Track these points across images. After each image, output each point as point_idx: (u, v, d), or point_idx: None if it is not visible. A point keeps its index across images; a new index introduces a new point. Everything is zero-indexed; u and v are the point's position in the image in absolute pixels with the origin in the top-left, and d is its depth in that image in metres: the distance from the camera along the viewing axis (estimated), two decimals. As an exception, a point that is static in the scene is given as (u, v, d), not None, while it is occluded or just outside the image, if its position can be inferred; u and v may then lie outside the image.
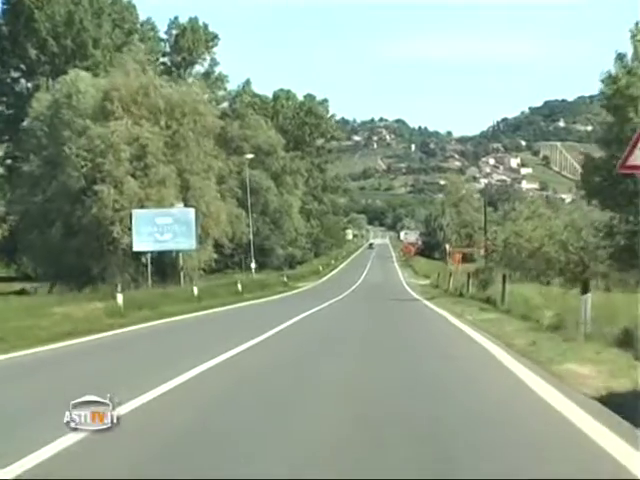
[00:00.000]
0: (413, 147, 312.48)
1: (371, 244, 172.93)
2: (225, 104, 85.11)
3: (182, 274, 40.85)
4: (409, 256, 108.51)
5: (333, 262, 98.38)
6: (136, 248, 39.52)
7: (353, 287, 52.54)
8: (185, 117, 45.54)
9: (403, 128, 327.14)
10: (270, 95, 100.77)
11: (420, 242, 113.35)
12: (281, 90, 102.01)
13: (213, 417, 7.34)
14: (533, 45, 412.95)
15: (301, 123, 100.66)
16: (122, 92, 44.47)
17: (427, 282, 56.49)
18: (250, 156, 67.56)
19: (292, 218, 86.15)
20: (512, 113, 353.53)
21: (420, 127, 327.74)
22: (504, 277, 23.09)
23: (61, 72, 52.86)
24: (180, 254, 40.93)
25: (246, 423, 6.83)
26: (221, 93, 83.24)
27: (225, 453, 5.75)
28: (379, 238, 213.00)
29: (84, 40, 64.11)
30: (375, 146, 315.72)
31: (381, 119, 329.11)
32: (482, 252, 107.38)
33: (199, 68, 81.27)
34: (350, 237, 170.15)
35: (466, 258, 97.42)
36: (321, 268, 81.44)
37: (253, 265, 59.84)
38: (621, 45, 45.46)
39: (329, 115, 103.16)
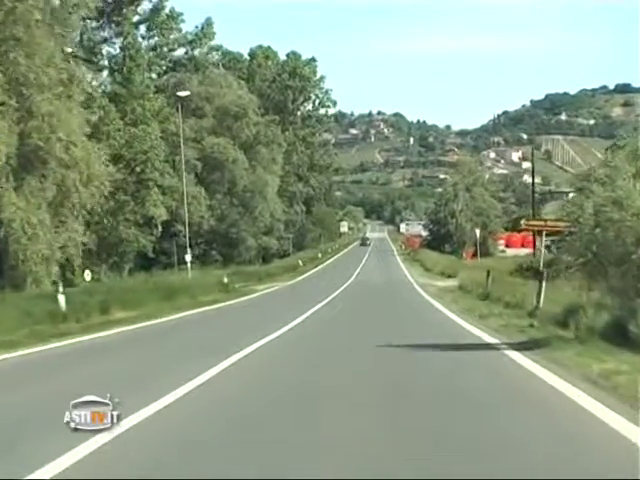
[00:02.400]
0: (412, 140, 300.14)
1: (365, 239, 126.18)
2: (181, 51, 63.32)
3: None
4: (413, 249, 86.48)
5: (320, 256, 76.32)
6: None
7: (335, 293, 30.64)
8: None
9: (401, 122, 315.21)
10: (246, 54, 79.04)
11: (425, 233, 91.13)
12: (259, 47, 79.97)
13: None
14: (534, 37, 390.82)
15: (283, 87, 78.69)
16: None
17: (452, 284, 34.80)
18: (185, 93, 45.82)
19: (267, 200, 64.43)
20: (513, 106, 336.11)
21: (419, 120, 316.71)
22: None
23: None
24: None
25: None
26: (174, 37, 61.22)
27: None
28: (376, 232, 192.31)
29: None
30: (373, 139, 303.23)
31: (379, 112, 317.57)
32: (501, 243, 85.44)
33: (146, 5, 58.22)
34: (345, 229, 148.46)
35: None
36: (301, 263, 59.65)
37: (188, 258, 38.19)
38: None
39: (317, 77, 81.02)
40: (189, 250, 39.13)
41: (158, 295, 23.17)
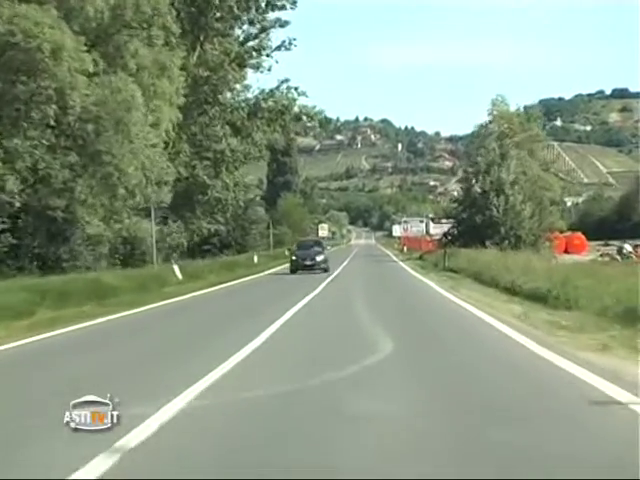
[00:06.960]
0: (400, 147, 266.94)
1: (308, 248, 37.16)
2: None
3: None
4: (429, 251, 49.08)
5: (256, 261, 38.89)
6: None
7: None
8: None
9: (389, 128, 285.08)
10: None
11: (438, 230, 54.25)
12: None
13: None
14: (526, 41, 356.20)
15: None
16: None
17: None
18: None
19: (133, 141, 26.82)
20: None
21: (407, 127, 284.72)
22: None
23: None
24: None
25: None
26: None
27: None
28: (363, 239, 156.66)
29: None
30: (359, 146, 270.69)
31: (366, 119, 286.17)
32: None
33: None
34: (325, 232, 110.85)
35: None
36: (180, 275, 22.69)
37: None
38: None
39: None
40: None
41: None
